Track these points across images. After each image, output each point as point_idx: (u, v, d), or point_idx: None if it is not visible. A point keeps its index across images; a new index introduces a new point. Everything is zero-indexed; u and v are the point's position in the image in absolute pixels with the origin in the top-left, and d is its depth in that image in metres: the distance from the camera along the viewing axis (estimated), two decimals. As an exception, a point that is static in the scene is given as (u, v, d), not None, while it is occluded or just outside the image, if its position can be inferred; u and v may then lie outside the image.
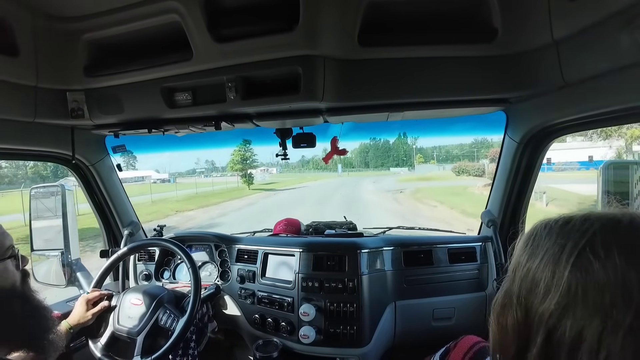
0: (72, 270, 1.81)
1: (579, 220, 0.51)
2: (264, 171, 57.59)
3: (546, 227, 0.54)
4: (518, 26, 1.06)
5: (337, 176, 52.38)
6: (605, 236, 0.47)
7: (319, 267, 1.63)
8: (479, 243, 1.76)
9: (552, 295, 0.48)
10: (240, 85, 1.26)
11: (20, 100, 1.26)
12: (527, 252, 0.54)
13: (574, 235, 0.49)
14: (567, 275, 0.47)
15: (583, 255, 0.47)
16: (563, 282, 0.47)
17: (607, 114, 1.09)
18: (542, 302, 0.49)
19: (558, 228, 0.52)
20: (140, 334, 1.43)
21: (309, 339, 1.52)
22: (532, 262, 0.52)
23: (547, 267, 0.50)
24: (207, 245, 1.97)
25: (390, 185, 30.91)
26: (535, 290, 0.51)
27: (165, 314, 1.45)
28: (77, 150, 1.69)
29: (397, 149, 70.20)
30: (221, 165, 72.22)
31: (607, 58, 0.89)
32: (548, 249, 0.51)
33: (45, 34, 1.18)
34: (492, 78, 1.21)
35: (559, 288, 0.47)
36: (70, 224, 1.82)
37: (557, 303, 0.47)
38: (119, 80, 1.33)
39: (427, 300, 1.67)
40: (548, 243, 0.52)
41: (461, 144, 68.06)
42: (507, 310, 0.55)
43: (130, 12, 1.11)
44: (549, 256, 0.50)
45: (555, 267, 0.49)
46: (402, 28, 1.13)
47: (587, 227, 0.49)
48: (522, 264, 0.54)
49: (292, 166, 74.94)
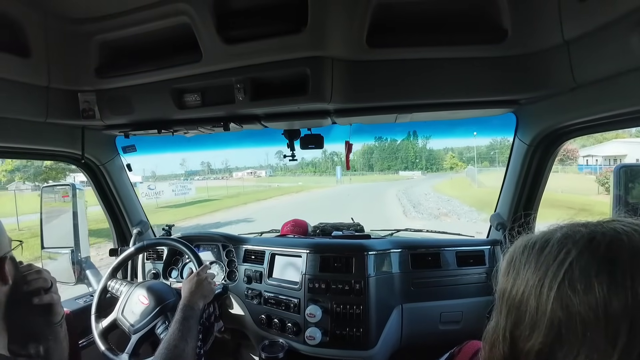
0: (82, 268, 1.83)
1: (556, 243, 0.49)
2: (250, 174, 53.65)
3: (524, 251, 0.53)
4: (528, 27, 1.05)
5: (336, 182, 41.34)
6: (583, 265, 0.45)
7: (325, 268, 1.62)
8: (488, 246, 1.73)
9: (538, 333, 0.47)
10: (249, 86, 1.27)
11: (33, 101, 1.28)
12: (510, 279, 0.53)
13: (552, 265, 0.47)
14: (549, 311, 0.45)
15: (562, 289, 0.45)
16: (546, 319, 0.46)
17: (619, 115, 1.07)
18: (528, 338, 0.48)
19: (536, 253, 0.50)
20: (136, 333, 1.43)
21: (315, 340, 1.52)
22: (515, 290, 0.51)
23: (530, 298, 0.48)
24: (214, 245, 1.98)
25: (430, 199, 19.75)
26: (521, 325, 0.49)
27: (162, 325, 1.42)
28: (88, 150, 1.71)
29: (406, 149, 64.44)
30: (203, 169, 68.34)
31: (618, 59, 0.88)
32: (529, 279, 0.49)
33: (57, 36, 1.20)
34: (502, 79, 1.19)
35: (543, 324, 0.46)
36: (81, 222, 1.84)
37: (542, 343, 0.46)
38: (129, 81, 1.35)
39: (435, 303, 1.65)
40: (528, 271, 0.50)
41: (467, 146, 62.99)
42: (495, 347, 0.54)
43: (140, 14, 1.13)
44: (530, 287, 0.48)
45: (538, 300, 0.47)
46: (411, 29, 1.12)
47: (564, 255, 0.47)
48: (506, 292, 0.53)
49: (288, 168, 71.20)
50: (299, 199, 23.36)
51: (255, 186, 39.49)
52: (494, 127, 1.71)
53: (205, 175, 60.61)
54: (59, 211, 1.90)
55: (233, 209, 19.24)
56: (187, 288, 1.34)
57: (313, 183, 42.90)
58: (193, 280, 1.37)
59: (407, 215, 15.09)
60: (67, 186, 1.88)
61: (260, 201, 22.75)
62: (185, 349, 1.11)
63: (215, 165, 71.22)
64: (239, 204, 21.25)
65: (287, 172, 68.21)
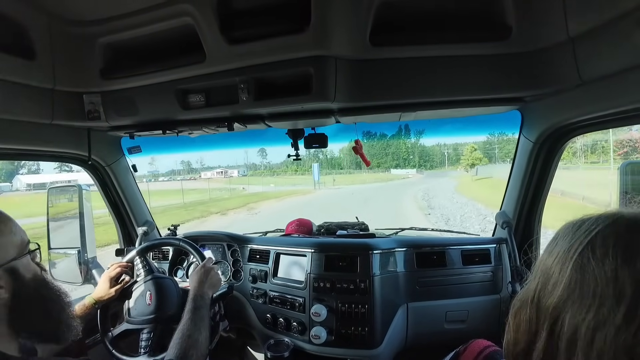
0: (88, 268, 1.85)
1: (591, 220, 0.53)
2: (220, 173, 49.77)
3: (567, 227, 0.57)
4: (533, 24, 1.04)
5: (314, 186, 32.00)
6: (605, 236, 0.49)
7: (330, 267, 1.62)
8: (494, 245, 1.73)
9: (557, 290, 0.51)
10: (253, 86, 1.27)
11: (39, 103, 1.30)
12: (547, 251, 0.58)
13: (580, 236, 0.52)
14: (568, 272, 0.50)
15: (583, 254, 0.50)
16: (565, 278, 0.51)
17: (625, 112, 1.06)
18: (549, 296, 0.52)
19: (574, 228, 0.55)
20: (129, 323, 1.45)
21: (320, 339, 1.52)
22: (549, 259, 0.55)
23: (557, 265, 0.53)
24: (219, 245, 1.98)
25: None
26: (547, 286, 0.54)
27: (148, 334, 1.42)
28: (94, 151, 1.72)
29: (397, 145, 61.68)
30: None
31: (624, 55, 0.87)
32: (562, 248, 0.54)
33: (61, 38, 1.21)
34: (507, 76, 1.19)
35: (562, 283, 0.51)
36: (87, 223, 1.86)
37: (559, 297, 0.51)
38: (134, 82, 1.35)
39: (440, 302, 1.65)
40: (563, 243, 0.54)
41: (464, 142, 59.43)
42: (523, 308, 0.58)
43: (144, 16, 1.13)
44: (560, 255, 0.53)
45: (562, 265, 0.52)
46: (414, 27, 1.12)
47: (593, 227, 0.51)
48: (542, 261, 0.57)
49: (270, 167, 67.36)
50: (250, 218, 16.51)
51: (219, 189, 33.40)
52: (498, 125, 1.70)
53: (172, 175, 56.36)
54: (65, 212, 1.92)
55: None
56: (196, 279, 1.35)
57: (290, 185, 37.34)
58: (200, 271, 1.38)
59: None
60: (73, 187, 1.90)
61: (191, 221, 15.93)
62: (199, 338, 1.12)
63: (194, 164, 67.43)
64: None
65: (265, 172, 64.46)
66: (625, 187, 1.32)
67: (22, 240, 0.88)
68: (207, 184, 38.26)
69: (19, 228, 0.89)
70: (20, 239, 0.87)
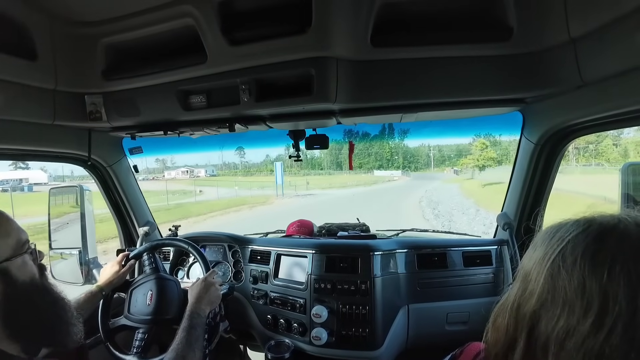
0: (89, 268, 1.85)
1: (566, 227, 0.55)
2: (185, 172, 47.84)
3: (545, 232, 0.58)
4: (534, 24, 1.04)
5: (276, 192, 26.36)
6: (575, 244, 0.51)
7: (331, 268, 1.62)
8: (495, 246, 1.72)
9: (533, 297, 0.53)
10: (254, 87, 1.27)
11: (40, 103, 1.30)
12: (527, 256, 0.59)
13: (554, 243, 0.54)
14: (542, 279, 0.52)
15: (555, 262, 0.51)
16: (539, 286, 0.52)
17: (627, 113, 1.06)
18: (527, 302, 0.54)
19: (551, 235, 0.56)
20: (127, 319, 1.46)
21: (320, 340, 1.52)
22: (528, 265, 0.57)
23: (534, 271, 0.54)
24: (220, 246, 1.98)
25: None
26: (526, 291, 0.55)
27: (142, 334, 1.41)
28: (95, 151, 1.73)
29: (381, 145, 56.86)
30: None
31: (626, 56, 0.87)
32: (539, 255, 0.55)
33: (63, 39, 1.21)
34: (508, 77, 1.18)
35: (537, 290, 0.52)
36: (88, 223, 1.86)
37: (535, 303, 0.52)
38: (135, 83, 1.35)
39: (441, 304, 1.64)
40: (541, 249, 0.56)
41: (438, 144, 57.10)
42: (501, 316, 0.59)
43: (146, 17, 1.13)
44: (537, 261, 0.55)
45: (538, 272, 0.53)
46: (416, 28, 1.12)
47: (567, 235, 0.53)
48: (522, 267, 0.59)
49: (248, 166, 62.82)
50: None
51: (173, 192, 27.41)
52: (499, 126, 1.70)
53: (146, 174, 52.21)
54: (66, 212, 1.92)
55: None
56: (195, 294, 1.32)
57: (258, 189, 31.42)
58: (201, 285, 1.35)
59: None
60: (74, 187, 1.90)
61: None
62: (192, 359, 1.12)
63: (168, 162, 62.15)
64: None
65: (239, 172, 61.35)
66: (627, 189, 1.31)
67: (18, 241, 0.86)
68: (164, 185, 31.72)
69: (16, 228, 0.87)
70: (15, 240, 0.85)
